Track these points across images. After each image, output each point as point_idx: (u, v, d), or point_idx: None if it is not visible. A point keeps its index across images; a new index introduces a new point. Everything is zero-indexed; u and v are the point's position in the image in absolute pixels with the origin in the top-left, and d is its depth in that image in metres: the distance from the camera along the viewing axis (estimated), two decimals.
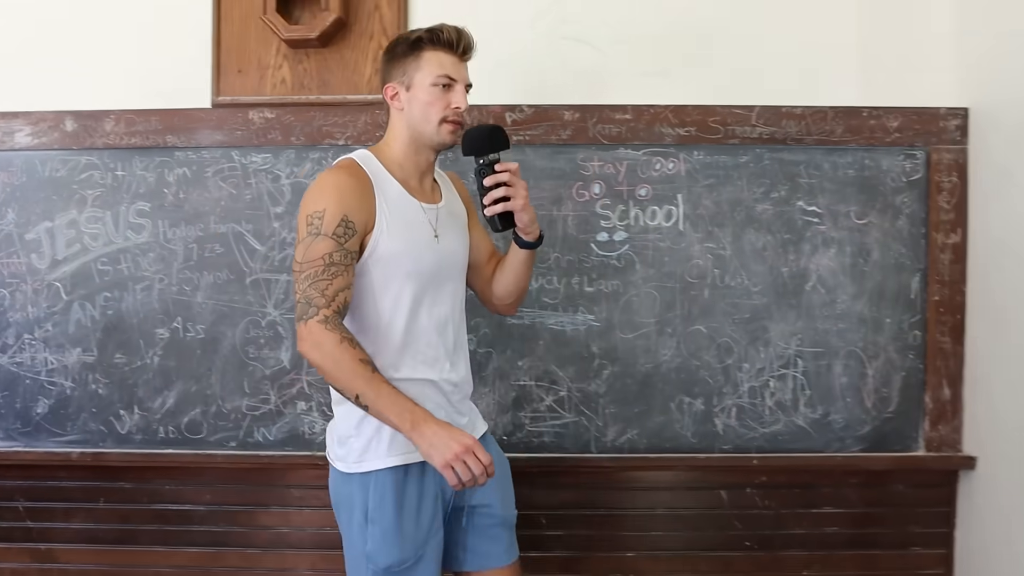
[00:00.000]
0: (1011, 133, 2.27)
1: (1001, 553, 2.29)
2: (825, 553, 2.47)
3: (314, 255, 1.69)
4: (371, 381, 1.66)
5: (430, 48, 1.81)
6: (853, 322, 2.41)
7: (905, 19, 2.48)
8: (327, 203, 1.72)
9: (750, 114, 2.40)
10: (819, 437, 2.42)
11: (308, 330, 1.66)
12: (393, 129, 1.87)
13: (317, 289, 1.68)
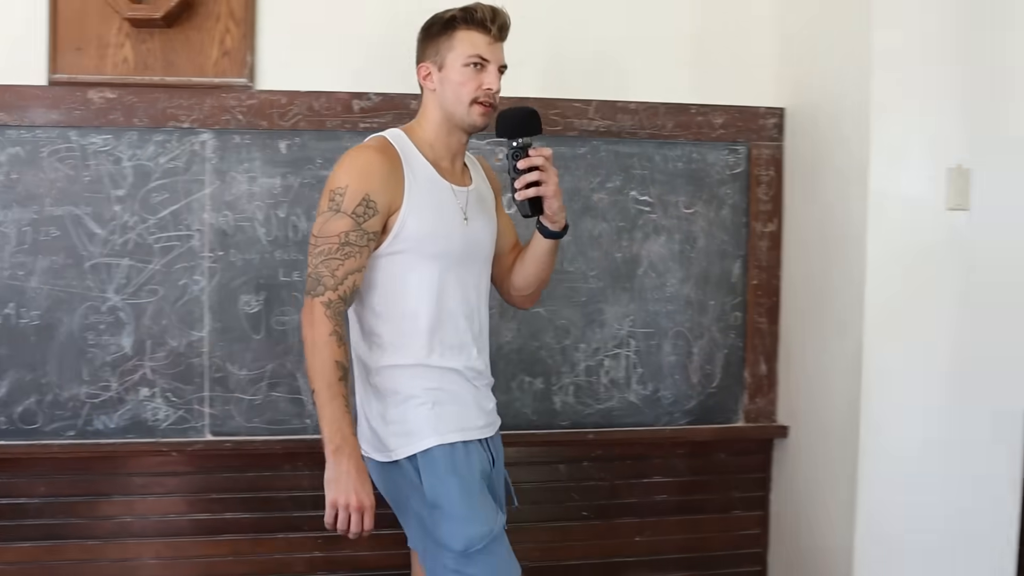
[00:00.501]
0: (819, 132, 2.52)
1: (808, 512, 2.55)
2: (656, 519, 2.67)
3: (331, 231, 1.69)
4: (332, 387, 1.65)
5: (463, 27, 1.79)
6: (681, 304, 2.61)
7: (732, 23, 2.69)
8: (350, 180, 1.71)
9: (588, 108, 2.55)
10: (650, 412, 2.61)
11: (310, 307, 1.68)
12: (425, 109, 1.85)
13: (328, 268, 1.68)
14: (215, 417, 2.41)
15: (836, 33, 2.44)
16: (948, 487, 2.37)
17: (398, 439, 1.75)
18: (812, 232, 2.55)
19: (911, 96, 2.31)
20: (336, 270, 1.68)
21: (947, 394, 2.37)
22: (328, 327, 1.66)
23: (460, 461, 1.76)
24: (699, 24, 2.67)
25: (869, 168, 2.31)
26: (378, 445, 1.78)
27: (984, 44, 2.34)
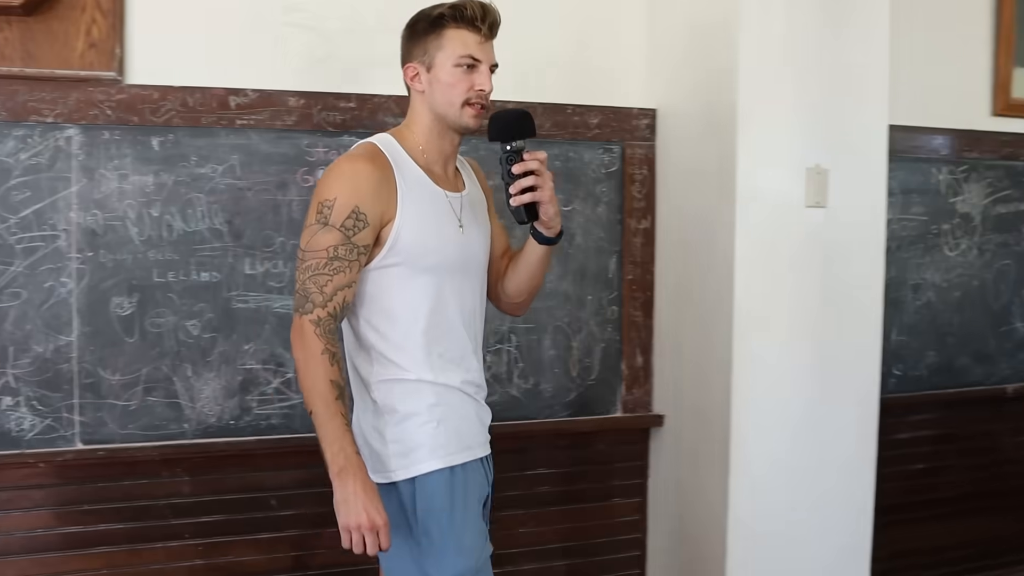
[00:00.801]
0: (689, 133, 2.63)
1: (684, 497, 2.67)
2: (539, 510, 2.74)
3: (318, 246, 1.62)
4: (330, 407, 1.58)
5: (453, 26, 1.71)
6: (560, 300, 2.69)
7: (606, 25, 2.77)
8: (339, 192, 1.63)
9: None
10: (531, 405, 2.68)
11: (299, 326, 1.62)
12: (414, 112, 1.78)
13: (316, 284, 1.61)
14: (86, 425, 2.32)
15: (703, 38, 2.56)
16: (812, 473, 2.53)
17: (397, 460, 1.69)
18: (684, 229, 2.67)
19: (774, 100, 2.45)
20: (324, 286, 1.61)
21: (810, 384, 2.53)
22: (319, 346, 1.60)
23: (458, 486, 1.71)
24: (575, 26, 2.74)
25: (736, 168, 2.43)
26: (374, 464, 1.70)
27: (840, 52, 2.51)
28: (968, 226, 3.30)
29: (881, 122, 2.60)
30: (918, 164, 3.17)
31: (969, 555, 3.37)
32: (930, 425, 3.26)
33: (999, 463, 3.42)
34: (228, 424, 2.40)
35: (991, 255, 3.34)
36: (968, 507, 3.34)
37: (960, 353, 3.30)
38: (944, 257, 3.25)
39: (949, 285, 3.27)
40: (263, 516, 2.46)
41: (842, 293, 2.55)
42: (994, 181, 3.34)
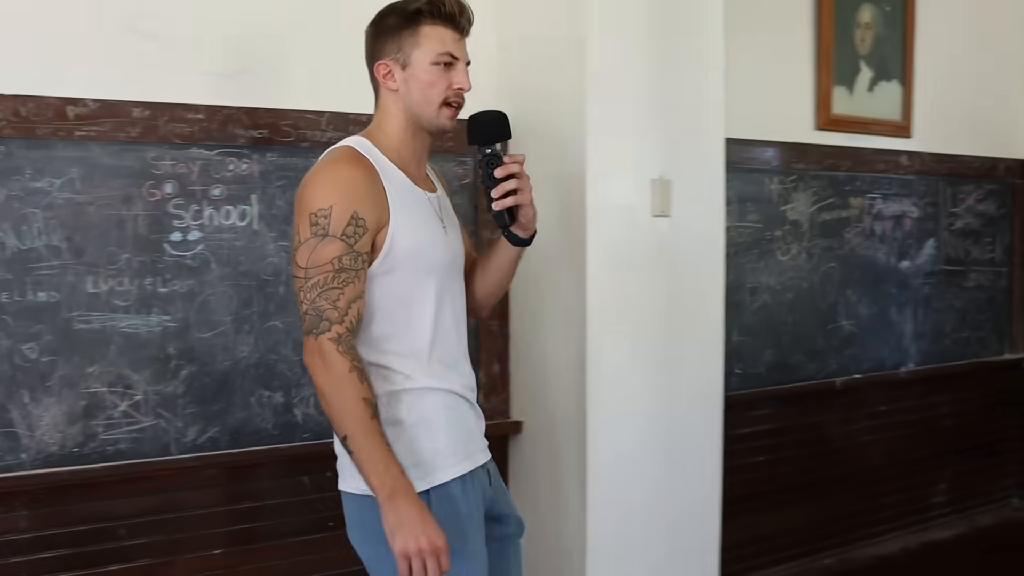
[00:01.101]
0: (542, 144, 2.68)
1: (545, 501, 2.74)
2: None
3: (322, 259, 1.52)
4: (367, 427, 1.49)
5: (429, 22, 1.64)
6: None
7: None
8: (334, 199, 1.53)
9: (320, 119, 2.56)
10: None
11: (319, 347, 1.51)
12: (387, 112, 1.70)
13: (328, 300, 1.51)
14: None
15: (554, 52, 2.64)
16: (663, 469, 2.65)
17: (409, 472, 1.56)
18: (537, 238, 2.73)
19: (621, 114, 2.56)
20: (337, 300, 1.52)
21: (660, 384, 2.65)
22: (345, 364, 1.51)
23: (469, 493, 1.66)
24: None
25: (586, 178, 2.53)
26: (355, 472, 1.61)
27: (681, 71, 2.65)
28: (797, 232, 3.55)
29: (718, 135, 2.75)
30: (752, 175, 3.38)
31: (808, 538, 3.61)
32: (769, 419, 3.48)
33: (830, 452, 3.69)
34: (71, 452, 2.28)
35: (818, 259, 3.60)
36: (805, 494, 3.59)
37: (794, 351, 3.54)
38: (777, 261, 3.48)
39: (782, 287, 3.50)
40: (112, 547, 2.35)
41: (687, 297, 2.69)
42: (819, 190, 3.61)
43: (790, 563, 3.54)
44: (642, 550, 2.62)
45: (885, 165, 3.79)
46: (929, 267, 3.97)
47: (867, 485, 3.79)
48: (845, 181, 3.67)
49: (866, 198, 3.75)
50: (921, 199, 3.93)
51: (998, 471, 4.33)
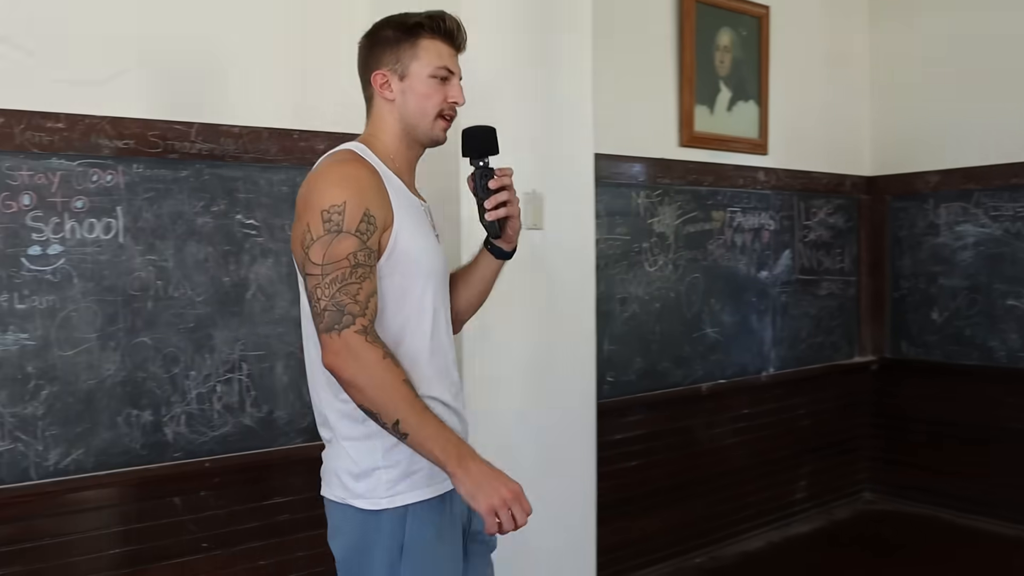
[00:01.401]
0: None
1: None
2: (279, 540, 2.70)
3: (338, 255, 1.50)
4: (415, 406, 1.49)
5: (428, 36, 1.68)
6: (291, 325, 2.67)
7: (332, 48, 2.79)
8: (347, 196, 1.53)
9: (190, 130, 2.52)
10: (266, 433, 2.64)
11: (344, 342, 1.48)
12: (382, 120, 1.71)
13: (348, 294, 1.49)
14: None
15: None
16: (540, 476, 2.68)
17: (390, 485, 1.59)
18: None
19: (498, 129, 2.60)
20: (357, 295, 1.51)
21: (535, 393, 2.70)
22: (378, 352, 1.49)
23: (447, 513, 1.66)
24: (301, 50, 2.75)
25: (460, 192, 2.56)
26: (361, 490, 1.61)
27: (552, 89, 2.74)
28: (664, 244, 3.70)
29: (588, 152, 2.85)
30: (620, 189, 3.51)
31: (679, 538, 3.75)
32: (640, 425, 3.60)
33: (698, 455, 3.85)
34: None
35: (683, 270, 3.77)
36: (675, 496, 3.72)
37: (662, 358, 3.68)
38: (645, 272, 3.62)
39: (650, 297, 3.64)
40: None
41: (560, 307, 2.77)
42: (683, 204, 3.77)
43: (662, 563, 3.67)
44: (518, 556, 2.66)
45: (744, 180, 4.01)
46: (786, 277, 4.21)
47: (733, 485, 3.97)
48: (707, 195, 3.85)
49: (727, 212, 3.95)
50: (777, 213, 4.17)
51: (851, 467, 4.62)
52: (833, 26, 4.51)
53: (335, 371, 1.52)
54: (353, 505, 1.62)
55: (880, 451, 4.66)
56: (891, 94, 4.59)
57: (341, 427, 1.63)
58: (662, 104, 3.73)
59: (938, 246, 4.39)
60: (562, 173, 2.77)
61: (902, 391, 4.57)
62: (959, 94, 4.25)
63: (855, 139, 4.65)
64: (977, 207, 4.25)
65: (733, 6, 3.89)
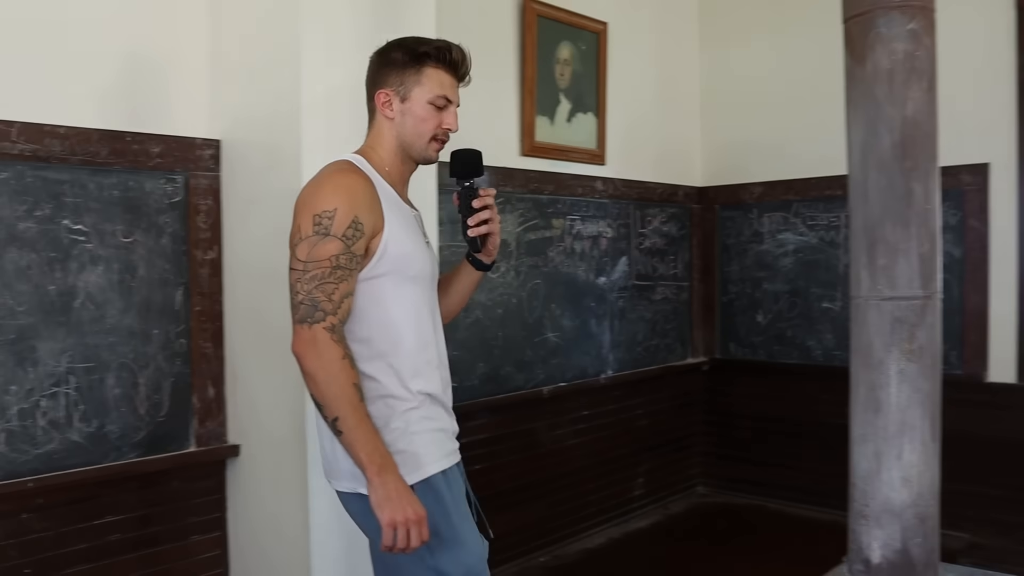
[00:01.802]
0: (255, 165, 2.69)
1: (264, 523, 2.71)
2: (110, 561, 2.59)
3: (321, 255, 1.67)
4: (356, 409, 1.65)
5: (433, 64, 1.84)
6: (123, 335, 2.58)
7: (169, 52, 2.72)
8: (338, 202, 1.70)
9: (11, 130, 2.38)
10: (96, 450, 2.53)
11: (313, 335, 1.65)
12: (380, 135, 1.88)
13: (324, 292, 1.66)
14: None
15: (267, 75, 2.63)
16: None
17: (401, 468, 1.72)
18: (253, 258, 2.72)
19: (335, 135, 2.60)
20: (332, 294, 1.67)
21: None
22: (339, 351, 1.66)
23: (453, 486, 1.82)
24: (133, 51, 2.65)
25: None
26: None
27: None
28: (506, 251, 3.78)
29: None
30: None
31: (524, 538, 3.84)
32: (484, 429, 3.67)
33: (541, 456, 3.95)
34: None
35: (525, 276, 3.87)
36: (519, 497, 3.81)
37: (505, 363, 3.76)
38: (488, 279, 3.68)
39: (493, 303, 3.71)
40: None
41: None
42: (524, 212, 3.87)
43: (508, 564, 3.74)
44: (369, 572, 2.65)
45: (583, 189, 4.16)
46: (623, 282, 4.39)
47: (574, 485, 4.10)
48: (548, 203, 3.98)
49: (567, 219, 4.08)
50: (615, 220, 4.34)
51: (685, 463, 4.86)
52: (667, 45, 4.76)
53: (299, 359, 1.67)
54: (360, 492, 1.75)
55: (712, 447, 4.93)
56: (719, 110, 4.89)
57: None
58: (505, 114, 3.81)
59: (762, 253, 4.70)
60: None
61: (732, 390, 4.85)
62: (780, 112, 4.57)
63: (687, 151, 4.91)
64: (796, 217, 4.57)
65: (573, 21, 4.03)
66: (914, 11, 1.91)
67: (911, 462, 1.95)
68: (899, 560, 1.97)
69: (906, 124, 1.92)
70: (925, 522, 1.98)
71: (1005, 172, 4.00)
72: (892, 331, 1.94)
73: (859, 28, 1.96)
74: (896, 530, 1.96)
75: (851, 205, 2.02)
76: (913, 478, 1.96)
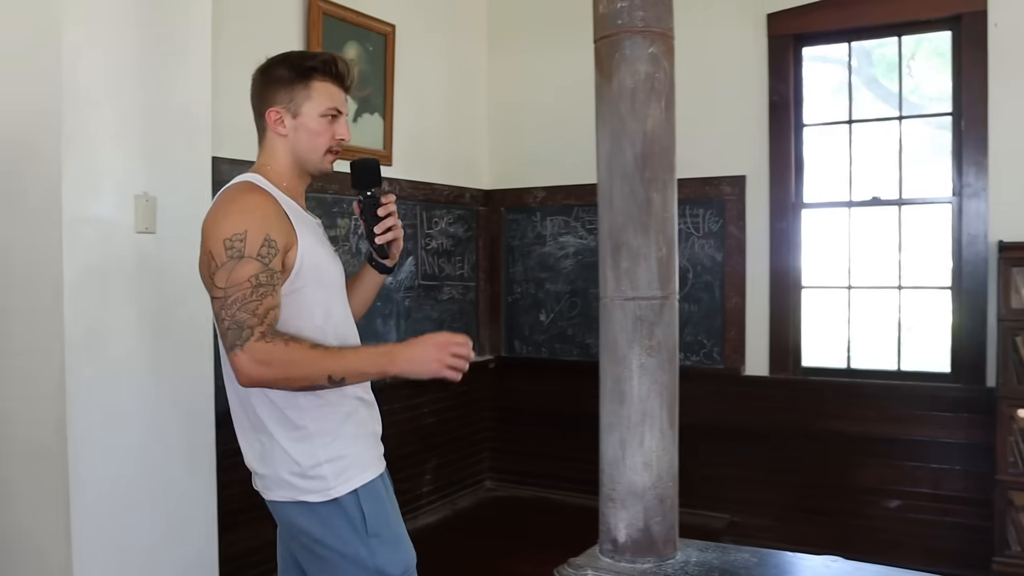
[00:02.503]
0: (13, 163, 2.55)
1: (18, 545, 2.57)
2: None
3: (240, 279, 1.68)
4: (332, 356, 1.70)
5: (320, 78, 1.86)
6: None
7: None
8: (247, 224, 1.70)
9: None
10: None
11: (249, 353, 1.65)
12: (275, 153, 1.90)
13: (247, 311, 1.67)
14: None
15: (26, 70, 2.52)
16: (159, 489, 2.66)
17: (337, 477, 1.80)
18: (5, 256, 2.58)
19: (98, 132, 2.52)
20: (256, 310, 1.67)
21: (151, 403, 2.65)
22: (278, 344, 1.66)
23: (389, 488, 1.93)
24: None
25: (62, 197, 2.44)
26: (311, 486, 1.79)
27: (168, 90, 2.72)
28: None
29: (205, 154, 2.85)
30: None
31: None
32: None
33: None
34: None
35: None
36: None
37: None
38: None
39: None
40: None
41: (176, 313, 2.74)
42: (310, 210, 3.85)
43: None
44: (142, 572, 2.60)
45: None
46: (409, 282, 4.48)
47: None
48: (333, 203, 3.99)
49: (352, 219, 4.11)
50: (402, 221, 4.40)
51: (474, 459, 5.02)
52: (456, 51, 4.89)
53: (254, 382, 1.70)
54: (305, 500, 1.81)
55: (499, 442, 5.11)
56: (506, 116, 5.08)
57: (278, 432, 1.81)
58: None
59: (545, 255, 4.94)
60: (178, 175, 2.75)
61: (517, 386, 5.05)
62: (559, 121, 4.81)
63: (474, 154, 5.07)
64: (576, 220, 4.84)
65: (360, 21, 4.07)
66: (655, 36, 2.11)
67: (651, 448, 2.15)
68: (642, 538, 2.17)
69: (647, 138, 2.13)
70: (664, 502, 2.18)
71: (759, 183, 4.43)
72: (634, 328, 2.14)
73: (607, 49, 2.15)
74: (639, 511, 2.16)
75: (599, 212, 2.20)
76: (653, 463, 2.16)
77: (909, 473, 4.11)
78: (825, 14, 4.20)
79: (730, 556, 2.20)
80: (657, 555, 2.16)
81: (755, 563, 2.16)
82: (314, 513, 1.81)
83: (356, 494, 1.82)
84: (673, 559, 2.17)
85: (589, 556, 2.23)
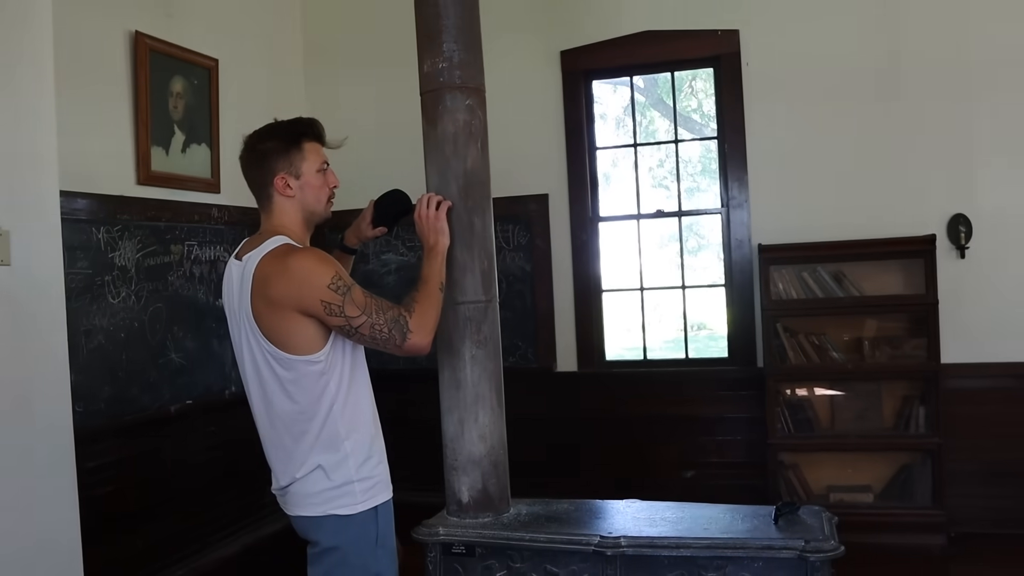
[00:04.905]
0: None
1: None
2: None
3: (361, 300, 2.18)
4: (427, 284, 2.41)
5: (308, 141, 2.31)
6: None
7: None
8: (329, 269, 2.17)
9: None
10: None
11: (416, 332, 2.24)
12: (286, 213, 2.33)
13: (386, 310, 2.22)
14: None
15: None
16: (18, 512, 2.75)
17: (366, 493, 2.26)
18: None
19: None
20: (388, 307, 2.23)
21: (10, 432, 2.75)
22: (417, 311, 2.28)
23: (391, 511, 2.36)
24: None
25: None
26: (344, 501, 2.23)
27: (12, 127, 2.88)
28: (126, 277, 4.06)
29: (53, 188, 3.03)
30: (80, 224, 3.80)
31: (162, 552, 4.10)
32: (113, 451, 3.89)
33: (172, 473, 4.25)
34: None
35: (146, 300, 4.17)
36: (154, 513, 4.08)
37: (131, 385, 4.04)
38: (109, 304, 3.95)
39: (115, 328, 3.97)
40: None
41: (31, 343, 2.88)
42: (143, 238, 4.18)
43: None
44: None
45: (200, 216, 4.55)
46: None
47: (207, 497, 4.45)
48: (166, 230, 4.31)
49: (185, 245, 4.45)
50: (232, 246, 4.76)
51: None
52: (275, 81, 5.34)
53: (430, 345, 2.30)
54: (335, 514, 2.23)
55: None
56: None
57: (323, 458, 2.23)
58: (118, 144, 4.08)
59: (369, 272, 5.45)
60: (28, 209, 2.88)
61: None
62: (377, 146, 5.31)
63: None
64: (396, 239, 5.38)
65: (184, 56, 4.42)
66: (470, 91, 2.71)
67: (485, 423, 2.72)
68: (481, 497, 2.73)
69: (467, 175, 2.71)
70: (497, 467, 2.76)
71: (560, 200, 5.14)
72: (465, 327, 2.71)
73: (431, 101, 2.72)
74: (478, 475, 2.72)
75: None
76: (487, 435, 2.73)
77: (701, 446, 4.94)
78: (610, 52, 5.00)
79: (552, 507, 2.81)
80: (495, 511, 2.74)
81: (572, 510, 2.78)
82: (337, 523, 2.25)
83: (376, 510, 2.29)
84: (508, 513, 2.75)
85: (439, 517, 2.77)
